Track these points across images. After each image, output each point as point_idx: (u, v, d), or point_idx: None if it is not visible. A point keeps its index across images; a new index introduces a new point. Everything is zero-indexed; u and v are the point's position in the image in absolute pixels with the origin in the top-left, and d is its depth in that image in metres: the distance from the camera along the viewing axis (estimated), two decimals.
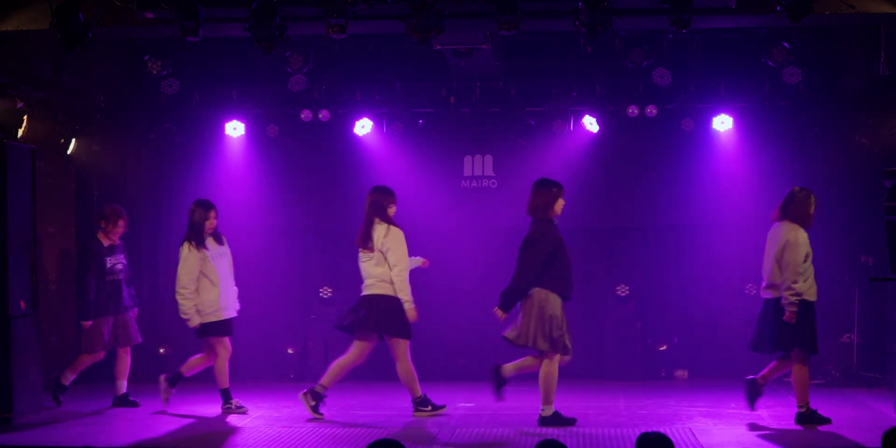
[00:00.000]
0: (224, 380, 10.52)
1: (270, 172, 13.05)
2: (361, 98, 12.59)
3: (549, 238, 9.63)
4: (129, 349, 11.02)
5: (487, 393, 9.92)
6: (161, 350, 12.80)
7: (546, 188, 9.74)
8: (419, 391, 10.18)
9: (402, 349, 10.08)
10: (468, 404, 10.79)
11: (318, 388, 10.01)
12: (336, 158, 13.00)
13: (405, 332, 10.06)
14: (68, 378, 10.92)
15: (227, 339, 10.58)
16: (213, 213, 10.49)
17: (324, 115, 12.46)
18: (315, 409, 10.00)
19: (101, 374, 12.80)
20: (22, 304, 10.37)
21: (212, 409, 10.69)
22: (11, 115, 11.26)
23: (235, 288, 10.74)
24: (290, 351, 12.70)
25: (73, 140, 12.78)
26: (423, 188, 12.69)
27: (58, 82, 11.97)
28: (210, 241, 10.51)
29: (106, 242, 10.85)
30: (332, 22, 9.24)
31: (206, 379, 11.56)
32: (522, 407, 10.51)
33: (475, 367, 12.73)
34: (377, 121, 12.66)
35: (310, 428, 9.63)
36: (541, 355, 9.59)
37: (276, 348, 12.81)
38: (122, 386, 10.94)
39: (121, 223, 10.88)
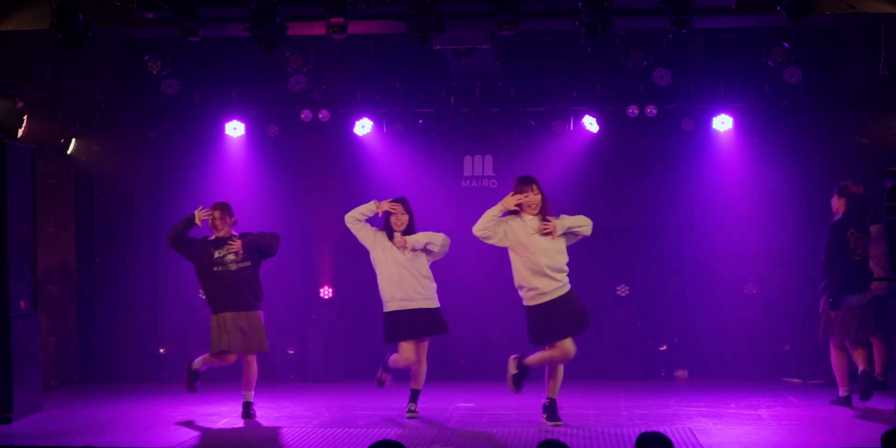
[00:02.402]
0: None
1: (270, 172, 13.04)
2: (361, 98, 12.58)
3: None
4: (249, 357, 10.13)
5: (487, 393, 9.91)
6: (161, 350, 12.80)
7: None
8: None
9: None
10: (468, 404, 10.78)
11: None
12: (336, 158, 12.99)
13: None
14: (198, 365, 10.17)
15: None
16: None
17: (324, 115, 12.46)
18: None
19: (102, 375, 12.85)
20: (22, 304, 10.37)
21: (211, 408, 10.68)
22: (11, 115, 11.25)
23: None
24: (290, 351, 12.70)
25: (73, 140, 12.77)
26: (424, 188, 12.67)
27: (58, 82, 11.97)
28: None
29: (213, 235, 10.30)
30: (332, 22, 9.24)
31: (204, 379, 11.56)
32: (522, 407, 10.50)
33: (475, 367, 12.74)
34: (377, 121, 12.66)
35: (310, 428, 9.62)
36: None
37: (276, 348, 12.77)
38: (247, 395, 10.16)
39: (219, 215, 10.21)
